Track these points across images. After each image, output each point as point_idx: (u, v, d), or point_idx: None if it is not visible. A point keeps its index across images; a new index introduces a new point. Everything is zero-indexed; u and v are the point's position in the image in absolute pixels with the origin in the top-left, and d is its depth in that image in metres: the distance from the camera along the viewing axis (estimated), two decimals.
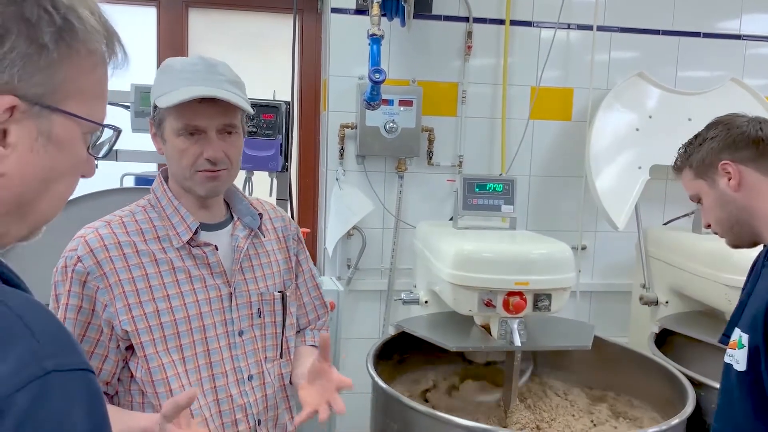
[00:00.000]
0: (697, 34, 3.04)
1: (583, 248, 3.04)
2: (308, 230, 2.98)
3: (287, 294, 1.45)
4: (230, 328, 1.34)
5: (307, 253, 1.59)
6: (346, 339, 2.62)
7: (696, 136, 1.43)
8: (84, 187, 2.23)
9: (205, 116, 1.25)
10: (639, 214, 2.79)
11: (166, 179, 1.36)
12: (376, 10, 2.06)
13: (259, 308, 1.39)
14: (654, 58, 3.02)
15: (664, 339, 2.44)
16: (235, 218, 1.41)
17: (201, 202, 1.35)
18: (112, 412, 1.23)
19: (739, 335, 1.26)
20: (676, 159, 1.47)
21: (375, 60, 2.10)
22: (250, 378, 1.36)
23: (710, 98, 2.89)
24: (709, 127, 1.41)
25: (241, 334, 1.35)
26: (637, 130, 2.79)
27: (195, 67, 1.26)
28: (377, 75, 2.10)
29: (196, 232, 1.31)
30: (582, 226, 2.97)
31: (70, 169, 0.72)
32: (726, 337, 1.34)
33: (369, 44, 2.09)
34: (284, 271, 1.47)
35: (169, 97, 1.23)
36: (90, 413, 0.61)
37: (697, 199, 1.44)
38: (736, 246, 1.42)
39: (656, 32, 3.01)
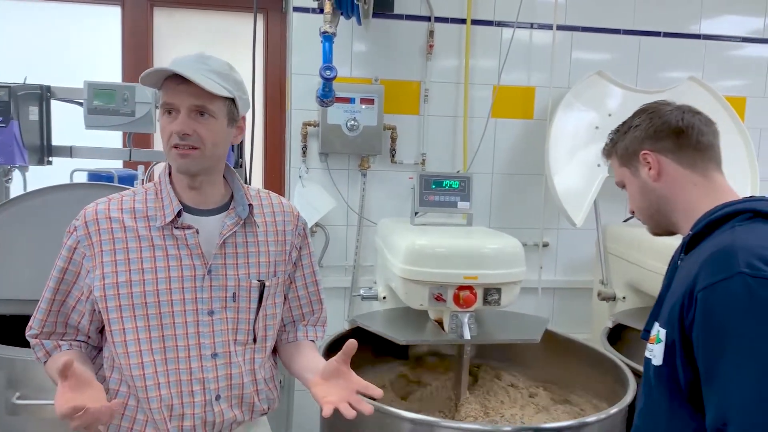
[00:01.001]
0: (657, 34, 3.09)
1: (545, 245, 3.07)
2: None
3: (268, 284, 1.49)
4: (200, 306, 1.42)
5: (312, 249, 1.64)
6: None
7: (623, 123, 1.43)
8: (35, 182, 2.24)
9: (177, 95, 1.35)
10: (598, 212, 2.83)
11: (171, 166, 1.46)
12: (328, 8, 2.08)
13: (234, 293, 1.45)
14: (616, 57, 3.06)
15: (620, 334, 2.47)
16: (232, 206, 1.48)
17: (189, 183, 1.43)
18: (63, 356, 1.39)
19: (657, 330, 1.25)
20: (605, 145, 1.48)
21: (327, 57, 2.12)
22: (214, 356, 1.43)
23: (669, 96, 2.89)
24: (635, 114, 1.41)
25: (211, 314, 1.43)
26: (597, 128, 2.83)
27: (187, 58, 1.38)
28: (328, 72, 2.12)
29: (179, 215, 1.41)
30: (544, 223, 3.00)
31: None
32: (647, 332, 1.32)
33: (321, 42, 2.11)
34: (274, 263, 1.52)
35: (147, 72, 1.34)
36: None
37: (622, 185, 1.45)
38: (656, 234, 1.42)
39: (617, 32, 3.05)
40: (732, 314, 1.08)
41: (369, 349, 2.28)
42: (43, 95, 2.32)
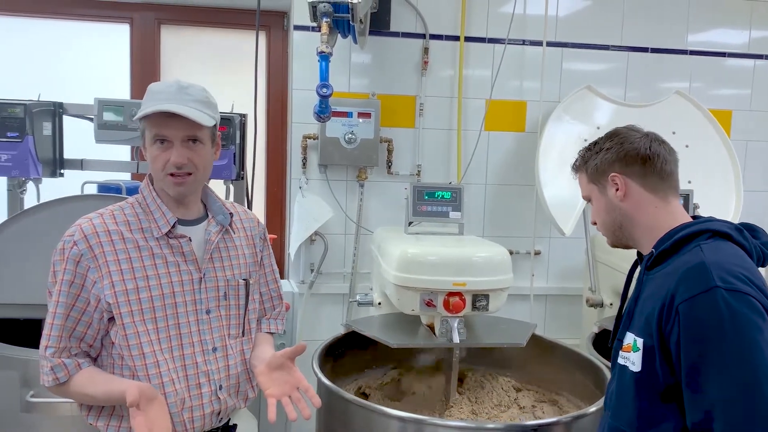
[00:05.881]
0: (645, 50, 3.20)
1: (537, 253, 3.17)
2: (275, 236, 3.12)
3: (251, 282, 1.67)
4: (199, 306, 1.57)
5: (271, 251, 1.83)
6: (308, 340, 2.74)
7: (595, 143, 1.55)
8: (48, 194, 2.37)
9: (170, 128, 1.48)
10: (587, 221, 2.92)
11: (152, 182, 1.59)
12: (325, 29, 2.20)
13: (225, 292, 1.61)
14: (605, 71, 3.17)
15: (606, 339, 2.56)
16: (210, 216, 1.63)
17: (177, 201, 1.57)
18: (97, 374, 1.51)
19: (633, 339, 1.38)
20: (575, 161, 1.60)
21: (323, 76, 2.24)
22: (214, 350, 1.59)
23: (656, 110, 3.04)
24: (606, 137, 1.53)
25: (208, 312, 1.58)
26: (585, 140, 2.93)
27: (169, 89, 1.50)
28: (324, 90, 2.24)
29: (174, 226, 1.54)
30: (536, 232, 3.11)
31: None
32: (619, 341, 1.44)
33: (318, 61, 2.23)
34: (250, 263, 1.69)
35: (143, 111, 1.47)
36: None
37: (588, 199, 1.57)
38: (613, 246, 1.56)
39: (606, 48, 3.17)
40: (711, 323, 1.23)
41: (364, 353, 2.38)
42: (55, 111, 2.45)
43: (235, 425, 1.68)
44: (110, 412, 1.54)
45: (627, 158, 1.46)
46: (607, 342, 2.57)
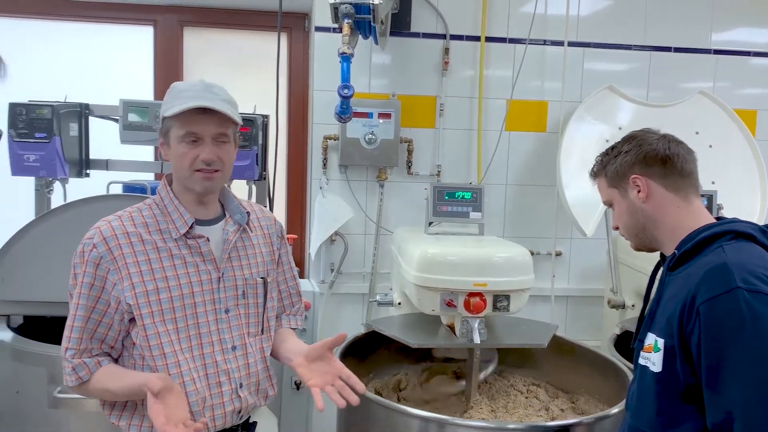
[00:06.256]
0: (668, 49, 3.17)
1: (559, 254, 3.16)
2: (295, 236, 3.14)
3: (269, 280, 1.68)
4: (217, 306, 1.58)
5: (288, 249, 1.83)
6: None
7: (612, 148, 1.55)
8: (74, 194, 2.41)
9: (202, 125, 1.51)
10: (609, 222, 2.90)
11: (170, 183, 1.61)
12: (346, 30, 2.21)
13: (243, 291, 1.62)
14: (627, 71, 3.15)
15: (628, 340, 2.54)
16: (227, 215, 1.64)
17: (199, 200, 1.58)
18: (116, 370, 1.53)
19: (654, 339, 1.38)
20: (593, 166, 1.60)
21: (344, 77, 2.26)
22: (234, 348, 1.59)
23: (679, 110, 3.02)
24: (624, 140, 1.53)
25: (227, 311, 1.59)
26: (607, 141, 2.91)
27: (195, 87, 1.53)
28: (346, 91, 2.25)
29: (191, 227, 1.55)
30: (557, 233, 3.09)
31: None
32: (640, 342, 1.44)
33: (339, 62, 2.24)
34: (268, 262, 1.70)
35: (173, 109, 1.49)
36: None
37: (609, 204, 1.57)
38: (638, 249, 1.55)
39: (628, 47, 3.14)
40: (732, 324, 1.23)
41: (384, 352, 2.39)
42: (82, 112, 2.50)
43: (255, 423, 1.69)
44: (132, 411, 1.56)
45: (647, 159, 1.46)
46: (628, 344, 2.56)
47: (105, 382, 1.51)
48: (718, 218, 1.46)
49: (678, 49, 3.17)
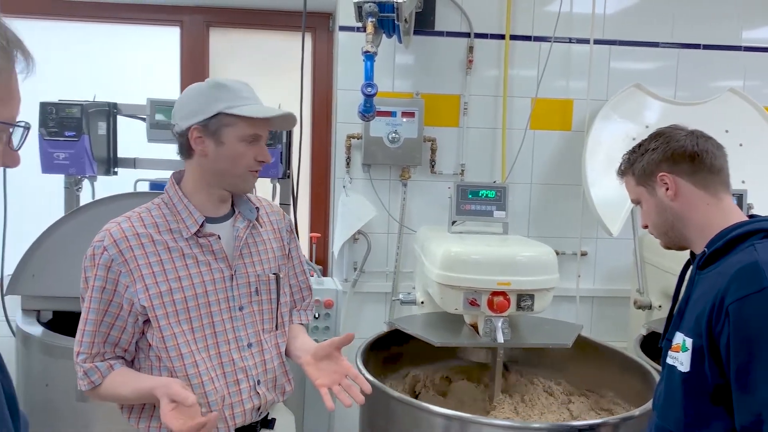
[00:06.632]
0: (697, 46, 3.12)
1: (584, 254, 3.12)
2: (319, 234, 3.15)
3: (281, 276, 1.67)
4: (231, 303, 1.56)
5: (298, 243, 1.82)
6: None
7: (639, 146, 1.53)
8: (102, 191, 2.45)
9: (264, 127, 1.55)
10: (635, 221, 2.87)
11: (178, 182, 1.58)
12: (370, 29, 2.22)
13: (256, 287, 1.61)
14: (654, 69, 3.10)
15: (654, 341, 2.51)
16: (237, 212, 1.62)
17: (223, 198, 1.58)
18: (127, 374, 1.50)
19: (682, 339, 1.36)
20: (620, 165, 1.58)
21: (368, 75, 2.26)
22: (249, 345, 1.58)
23: (708, 108, 2.96)
24: (651, 137, 1.51)
25: (241, 309, 1.58)
26: (634, 139, 2.87)
27: (246, 88, 1.54)
28: (369, 89, 2.26)
29: (202, 225, 1.53)
30: (582, 232, 3.06)
31: None
32: (668, 341, 1.42)
33: (363, 60, 2.25)
34: (279, 257, 1.69)
35: (250, 110, 1.49)
36: None
37: (637, 202, 1.54)
38: (667, 248, 1.53)
39: (656, 45, 3.10)
40: (763, 324, 1.21)
41: (407, 351, 2.39)
42: (110, 111, 2.54)
43: (273, 419, 1.68)
44: (150, 413, 1.54)
45: (674, 156, 1.44)
46: (655, 345, 2.52)
47: (117, 388, 1.50)
48: (750, 216, 1.43)
49: (707, 47, 3.11)
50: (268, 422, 1.67)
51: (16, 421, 0.80)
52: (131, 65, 3.25)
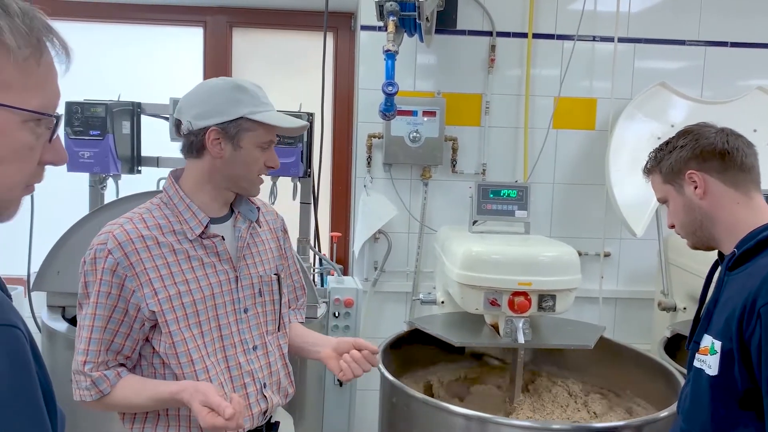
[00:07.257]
0: (724, 44, 3.06)
1: (607, 255, 3.08)
2: (340, 234, 3.16)
3: (282, 276, 1.67)
4: (237, 306, 1.55)
5: (291, 242, 1.81)
6: (371, 338, 2.76)
7: (667, 143, 1.49)
8: (126, 189, 2.47)
9: (274, 134, 1.55)
10: (660, 222, 2.82)
11: (176, 180, 1.54)
12: (391, 27, 2.22)
13: (260, 288, 1.59)
14: (680, 67, 3.05)
15: (678, 344, 2.47)
16: (236, 212, 1.59)
17: (226, 200, 1.56)
18: (138, 381, 1.47)
19: (711, 342, 1.32)
20: (647, 163, 1.54)
21: (389, 74, 2.26)
22: (254, 348, 1.57)
23: (735, 107, 2.91)
24: (679, 135, 1.47)
25: (246, 311, 1.56)
26: (659, 138, 2.82)
27: (262, 92, 1.52)
28: (390, 88, 2.25)
29: (206, 226, 1.50)
30: (605, 233, 3.02)
31: (10, 154, 0.77)
32: (696, 344, 1.39)
33: (384, 59, 2.25)
34: (277, 257, 1.68)
35: (272, 117, 1.48)
36: (12, 364, 0.69)
37: (664, 201, 1.51)
38: (695, 248, 1.49)
39: (682, 43, 3.05)
40: None
41: (427, 351, 2.38)
42: (134, 111, 2.57)
43: (277, 422, 1.65)
44: (155, 422, 1.50)
45: (704, 154, 1.40)
46: (679, 347, 2.48)
47: (128, 395, 1.44)
48: None
49: (735, 44, 3.06)
50: (272, 426, 1.64)
51: (54, 417, 0.78)
52: (155, 65, 3.29)
